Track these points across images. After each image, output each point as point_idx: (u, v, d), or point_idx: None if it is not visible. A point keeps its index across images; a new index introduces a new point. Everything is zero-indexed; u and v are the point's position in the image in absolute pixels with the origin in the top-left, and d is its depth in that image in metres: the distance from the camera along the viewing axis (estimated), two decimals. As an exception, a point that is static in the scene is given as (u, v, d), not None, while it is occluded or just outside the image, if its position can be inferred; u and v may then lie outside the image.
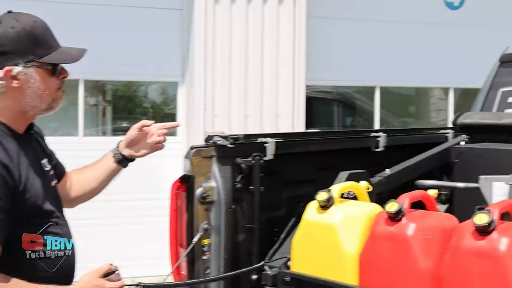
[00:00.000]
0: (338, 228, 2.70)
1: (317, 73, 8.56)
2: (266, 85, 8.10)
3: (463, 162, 3.74)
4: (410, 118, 10.60)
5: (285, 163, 3.43)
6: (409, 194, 2.64)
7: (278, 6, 8.12)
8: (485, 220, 2.21)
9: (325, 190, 2.77)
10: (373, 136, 3.90)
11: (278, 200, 3.48)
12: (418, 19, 9.03)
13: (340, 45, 8.79)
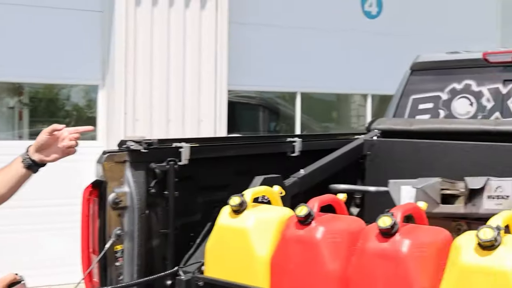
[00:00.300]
0: (250, 232, 2.73)
1: (239, 78, 8.61)
2: (188, 90, 8.08)
3: (375, 155, 3.84)
4: (331, 123, 10.78)
5: (201, 168, 3.44)
6: (318, 198, 2.69)
7: (200, 11, 8.12)
8: (388, 223, 2.28)
9: (238, 195, 2.79)
10: (289, 141, 3.96)
11: (194, 205, 3.48)
12: (338, 27, 9.23)
13: (261, 51, 8.87)
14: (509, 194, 3.01)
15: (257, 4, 8.82)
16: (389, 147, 3.81)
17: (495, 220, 2.19)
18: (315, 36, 9.09)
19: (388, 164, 3.76)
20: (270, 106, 10.04)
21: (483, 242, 2.11)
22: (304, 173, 3.61)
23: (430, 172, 3.48)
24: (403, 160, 3.69)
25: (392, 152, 3.77)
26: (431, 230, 2.44)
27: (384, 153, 3.81)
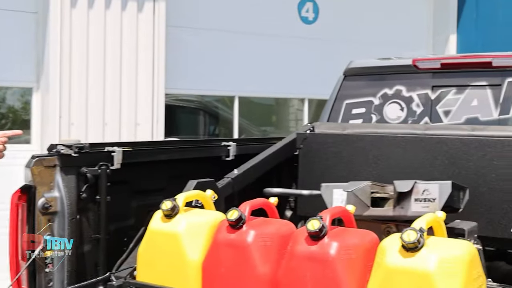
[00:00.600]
0: (181, 236, 2.73)
1: (177, 81, 8.59)
2: (125, 93, 8.01)
3: (307, 148, 3.88)
4: (270, 127, 10.84)
5: (134, 172, 3.42)
6: (250, 202, 2.71)
7: (138, 14, 8.06)
8: (316, 226, 2.31)
9: (170, 199, 2.79)
10: (224, 146, 3.97)
11: (127, 210, 3.46)
12: (276, 32, 9.30)
13: (200, 55, 8.86)
14: (436, 197, 3.09)
15: (195, 8, 8.82)
16: (321, 140, 3.85)
17: (419, 222, 2.26)
18: (253, 40, 9.15)
19: (320, 157, 3.80)
20: (209, 110, 10.05)
21: (406, 244, 2.17)
22: (238, 173, 3.63)
23: (362, 163, 3.62)
24: (336, 152, 3.75)
25: (325, 145, 3.81)
26: (358, 233, 2.49)
27: (316, 146, 3.85)
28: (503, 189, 3.24)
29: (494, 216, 3.25)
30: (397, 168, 3.52)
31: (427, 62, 4.44)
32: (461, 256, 2.21)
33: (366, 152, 3.65)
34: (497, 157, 3.26)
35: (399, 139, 3.61)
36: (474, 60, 4.31)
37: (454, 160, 3.38)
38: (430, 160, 3.44)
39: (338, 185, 3.34)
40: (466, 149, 3.36)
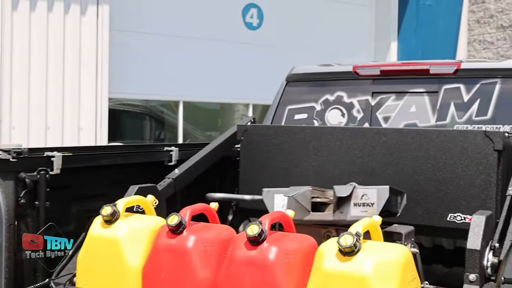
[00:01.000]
0: (122, 242, 2.71)
1: (122, 86, 8.53)
2: (68, 97, 7.92)
3: (248, 140, 3.87)
4: (215, 132, 10.86)
5: (75, 177, 3.38)
6: (190, 208, 2.71)
7: (81, 17, 7.98)
8: (255, 231, 2.34)
9: (110, 205, 2.77)
10: (166, 151, 3.96)
11: (67, 215, 3.41)
12: (220, 37, 9.34)
13: (145, 59, 8.83)
14: (374, 201, 3.14)
15: (140, 12, 8.78)
16: (262, 132, 3.84)
17: (355, 227, 2.30)
18: (198, 45, 9.16)
19: (261, 148, 3.80)
20: (154, 115, 10.01)
21: (343, 248, 2.20)
22: (179, 172, 3.63)
23: (302, 155, 3.64)
24: (276, 144, 3.75)
25: (265, 137, 3.80)
26: (297, 238, 2.52)
27: (257, 138, 3.84)
28: (439, 178, 3.31)
29: (430, 205, 3.31)
30: (336, 159, 3.56)
31: (367, 69, 4.51)
32: (396, 259, 2.27)
33: (306, 143, 3.67)
34: (433, 147, 3.33)
35: (339, 130, 3.64)
36: (412, 67, 4.40)
37: (392, 151, 3.43)
38: (369, 150, 3.49)
39: (279, 190, 3.36)
40: (404, 139, 3.40)
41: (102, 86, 8.13)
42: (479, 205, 3.17)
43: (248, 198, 3.92)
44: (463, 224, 3.20)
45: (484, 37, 11.37)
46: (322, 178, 3.56)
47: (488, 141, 3.23)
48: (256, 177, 3.77)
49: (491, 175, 3.20)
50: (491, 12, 11.12)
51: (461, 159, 3.27)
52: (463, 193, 3.24)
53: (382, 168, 3.44)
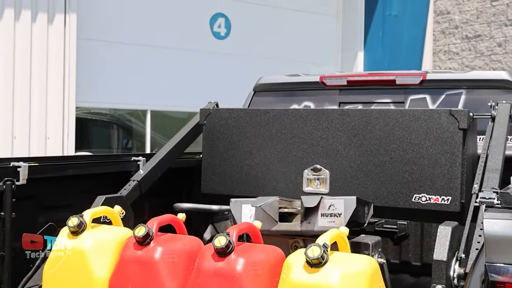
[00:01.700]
0: (88, 253, 2.69)
1: (89, 95, 8.47)
2: (35, 105, 7.84)
3: (211, 124, 3.85)
4: (184, 141, 10.79)
5: (42, 188, 3.35)
6: (158, 218, 2.70)
7: (48, 26, 7.92)
8: (223, 242, 2.33)
9: (77, 216, 2.74)
10: (134, 161, 3.94)
11: (34, 226, 3.37)
12: (188, 47, 9.34)
13: (112, 68, 8.78)
14: (341, 212, 3.16)
15: (107, 21, 8.74)
16: (225, 116, 3.81)
17: (323, 238, 2.31)
18: (166, 54, 9.14)
19: (224, 132, 3.78)
20: (122, 124, 9.95)
21: (311, 259, 2.21)
22: (144, 173, 3.63)
23: (266, 138, 3.62)
24: (239, 127, 3.73)
25: (228, 120, 3.78)
26: (265, 249, 2.53)
27: (220, 121, 3.81)
28: (404, 158, 3.30)
29: (395, 186, 3.31)
30: (300, 142, 3.55)
31: (334, 79, 4.54)
32: (363, 270, 2.28)
33: (270, 126, 3.64)
34: (397, 127, 3.32)
35: (302, 112, 3.61)
36: (379, 78, 4.44)
37: (356, 132, 3.42)
38: (333, 132, 3.47)
39: (247, 200, 3.37)
40: (368, 120, 3.39)
41: (69, 95, 8.06)
42: (444, 185, 3.18)
43: (215, 208, 3.91)
44: (428, 205, 3.23)
45: (449, 48, 11.55)
46: (286, 161, 3.56)
47: (453, 119, 3.21)
48: (219, 162, 3.76)
49: (456, 154, 3.19)
50: (455, 23, 11.30)
51: (426, 139, 3.26)
52: (428, 173, 3.23)
53: (346, 149, 3.43)
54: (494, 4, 10.66)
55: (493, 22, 10.59)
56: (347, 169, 3.43)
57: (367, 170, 3.36)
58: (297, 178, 3.54)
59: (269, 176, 3.62)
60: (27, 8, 7.74)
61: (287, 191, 3.54)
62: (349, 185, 3.42)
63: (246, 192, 3.65)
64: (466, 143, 3.22)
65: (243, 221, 3.35)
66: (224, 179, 3.75)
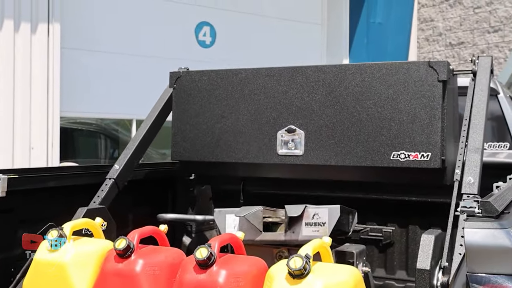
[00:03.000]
0: (68, 266, 2.64)
1: (74, 104, 8.43)
2: (19, 116, 7.78)
3: (181, 87, 3.73)
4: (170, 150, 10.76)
5: (22, 200, 3.30)
6: (139, 230, 2.66)
7: (31, 35, 7.87)
8: (204, 254, 2.30)
9: (57, 228, 2.71)
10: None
11: (14, 239, 3.32)
12: (174, 56, 9.32)
13: (97, 77, 8.74)
14: (326, 221, 3.14)
15: (92, 30, 8.71)
16: (195, 78, 3.69)
17: (305, 249, 2.28)
18: (151, 63, 9.12)
19: (195, 95, 3.66)
20: (108, 133, 9.91)
21: (293, 271, 2.19)
22: (119, 167, 3.56)
23: (238, 99, 3.52)
24: (210, 90, 3.62)
25: (199, 83, 3.66)
26: (247, 260, 2.49)
27: (190, 84, 3.69)
28: (382, 115, 3.18)
29: (373, 144, 3.19)
30: (274, 101, 3.43)
31: None
32: (346, 281, 2.26)
33: (242, 87, 3.53)
34: (375, 82, 3.20)
35: (276, 71, 3.48)
36: None
37: (332, 89, 3.29)
38: (308, 90, 3.35)
39: (231, 210, 3.35)
40: (344, 75, 3.27)
41: (54, 104, 8.01)
42: (424, 141, 3.06)
43: (200, 218, 3.89)
44: (407, 162, 3.10)
45: (433, 55, 11.60)
46: (259, 123, 3.44)
47: (432, 71, 3.07)
48: (190, 127, 3.64)
49: (436, 108, 3.07)
50: (439, 30, 11.35)
51: (404, 93, 3.13)
52: (407, 129, 3.10)
53: (322, 108, 3.30)
54: (476, 11, 10.72)
55: (476, 29, 10.65)
56: (322, 128, 3.30)
57: (343, 129, 3.23)
58: (270, 141, 3.42)
59: (242, 140, 3.49)
60: (10, 18, 7.69)
61: (260, 154, 3.43)
62: (324, 145, 3.28)
63: (218, 158, 3.55)
64: (446, 97, 3.08)
65: (227, 231, 3.33)
66: (194, 144, 3.63)
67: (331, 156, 3.22)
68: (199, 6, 9.69)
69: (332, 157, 3.25)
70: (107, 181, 3.48)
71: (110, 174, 3.53)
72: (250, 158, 3.42)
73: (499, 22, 10.48)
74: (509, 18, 10.38)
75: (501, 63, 10.38)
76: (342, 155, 3.21)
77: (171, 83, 3.78)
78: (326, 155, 3.25)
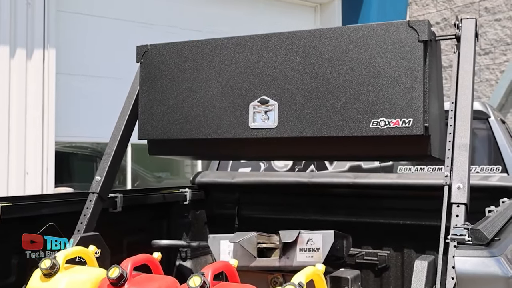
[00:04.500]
0: (62, 296, 2.63)
1: (69, 129, 8.44)
2: (14, 141, 7.77)
3: (148, 62, 3.51)
4: (165, 173, 10.77)
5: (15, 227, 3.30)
6: (132, 259, 2.66)
7: (27, 61, 7.89)
8: (197, 283, 2.30)
9: (49, 257, 2.69)
10: (111, 197, 3.89)
11: (8, 267, 3.32)
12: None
13: (91, 102, 8.76)
14: (320, 246, 3.15)
15: (87, 56, 8.75)
16: (163, 52, 3.45)
17: (298, 277, 2.28)
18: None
19: (163, 69, 3.44)
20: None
21: None
22: (101, 178, 3.45)
23: (208, 71, 3.29)
24: (179, 63, 3.39)
25: (167, 57, 3.43)
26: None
27: (158, 58, 3.47)
28: (359, 80, 2.96)
29: (350, 112, 2.95)
30: (246, 72, 3.21)
31: None
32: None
33: (211, 58, 3.31)
34: (351, 46, 2.98)
35: (247, 39, 3.25)
36: None
37: (307, 55, 3.07)
38: (282, 58, 3.13)
39: (225, 236, 3.35)
40: (318, 41, 3.06)
41: (49, 129, 8.01)
42: (405, 106, 2.84)
43: (194, 244, 3.89)
44: (388, 129, 2.87)
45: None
46: (231, 95, 3.22)
47: (412, 32, 2.87)
48: (157, 104, 3.43)
49: (417, 70, 2.84)
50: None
51: (382, 56, 2.92)
52: (386, 94, 2.88)
53: (296, 76, 3.08)
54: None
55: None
56: (297, 98, 3.07)
57: (319, 97, 3.01)
58: (242, 114, 3.19)
59: (212, 115, 3.26)
60: (5, 44, 7.72)
61: (231, 129, 3.20)
62: (299, 116, 3.05)
63: (186, 135, 3.33)
64: (428, 59, 2.87)
65: (221, 257, 3.33)
66: (161, 122, 3.41)
67: (306, 127, 3.00)
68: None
69: (307, 128, 3.01)
70: (90, 196, 3.37)
71: (93, 187, 3.40)
72: (221, 133, 3.20)
73: (489, 44, 10.55)
74: (499, 40, 10.46)
75: (493, 85, 10.44)
76: (318, 125, 2.99)
77: (138, 58, 3.55)
78: (301, 127, 3.03)
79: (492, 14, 10.48)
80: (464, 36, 3.05)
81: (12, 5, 7.76)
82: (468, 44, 3.02)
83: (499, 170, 3.95)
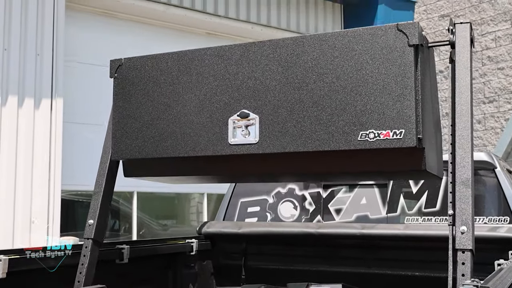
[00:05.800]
0: None
1: (75, 177, 8.45)
2: (20, 189, 7.79)
3: (122, 76, 3.29)
4: (171, 221, 10.75)
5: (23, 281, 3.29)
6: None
7: (35, 110, 7.96)
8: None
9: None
10: (117, 248, 3.89)
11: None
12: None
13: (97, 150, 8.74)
14: (328, 299, 3.13)
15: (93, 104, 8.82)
16: (138, 66, 3.25)
17: None
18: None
19: (138, 84, 3.23)
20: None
21: None
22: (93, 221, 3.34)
23: (185, 85, 3.11)
24: (155, 76, 3.18)
25: (142, 70, 3.23)
26: None
27: (133, 73, 3.26)
28: (346, 89, 2.73)
29: (336, 125, 2.72)
30: (225, 85, 2.99)
31: None
32: None
33: (188, 71, 3.10)
34: (337, 52, 2.77)
35: (225, 49, 3.05)
36: None
37: (289, 65, 2.86)
38: (262, 68, 2.92)
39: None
40: (302, 49, 2.85)
41: (55, 178, 8.03)
42: (395, 116, 2.61)
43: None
44: (378, 142, 2.63)
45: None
46: (209, 109, 3.00)
47: (401, 35, 2.65)
48: (132, 121, 3.21)
49: (408, 77, 2.61)
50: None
51: (370, 63, 2.70)
52: (376, 103, 2.65)
53: (278, 87, 2.86)
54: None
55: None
56: (279, 110, 2.85)
57: (303, 109, 2.79)
58: (221, 129, 2.97)
59: (189, 131, 3.05)
60: (14, 94, 7.80)
61: (210, 146, 2.98)
62: (281, 130, 2.83)
63: (162, 153, 3.11)
64: (420, 65, 2.64)
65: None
66: (136, 140, 3.20)
67: (290, 141, 2.79)
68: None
69: (290, 142, 2.80)
70: (85, 243, 3.25)
71: (87, 233, 3.27)
72: (199, 150, 3.00)
73: (493, 93, 10.62)
74: (503, 89, 10.53)
75: (498, 133, 10.46)
76: (302, 139, 2.77)
77: (112, 73, 3.33)
78: (284, 141, 2.82)
79: (495, 63, 10.57)
80: (459, 42, 2.80)
81: (22, 54, 7.87)
82: (463, 50, 2.78)
83: (507, 221, 3.94)
